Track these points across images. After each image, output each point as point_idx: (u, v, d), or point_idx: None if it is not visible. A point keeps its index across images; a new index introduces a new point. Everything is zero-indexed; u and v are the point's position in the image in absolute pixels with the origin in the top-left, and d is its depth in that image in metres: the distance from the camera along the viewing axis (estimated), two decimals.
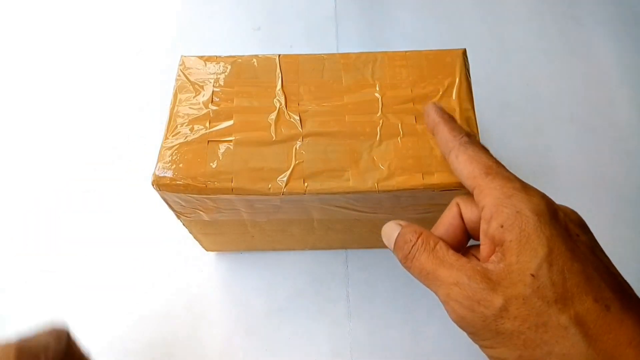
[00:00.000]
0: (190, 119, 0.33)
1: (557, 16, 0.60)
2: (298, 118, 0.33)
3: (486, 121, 0.53)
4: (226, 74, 0.35)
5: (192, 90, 0.35)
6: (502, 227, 0.21)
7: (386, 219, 0.37)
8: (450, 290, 0.22)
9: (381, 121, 0.33)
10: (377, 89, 0.34)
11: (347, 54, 0.36)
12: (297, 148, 0.32)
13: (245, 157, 0.32)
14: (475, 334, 0.22)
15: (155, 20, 0.61)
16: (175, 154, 0.32)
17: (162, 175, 0.31)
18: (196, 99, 0.34)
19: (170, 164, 0.32)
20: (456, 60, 0.35)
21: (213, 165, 0.32)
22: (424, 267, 0.23)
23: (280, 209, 0.35)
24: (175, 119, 0.33)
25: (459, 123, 0.28)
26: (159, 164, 0.32)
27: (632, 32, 0.59)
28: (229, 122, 0.33)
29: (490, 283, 0.21)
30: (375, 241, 0.43)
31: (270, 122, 0.33)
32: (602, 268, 0.21)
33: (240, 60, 0.36)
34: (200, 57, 0.36)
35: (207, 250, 0.46)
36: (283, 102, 0.34)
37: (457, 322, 0.22)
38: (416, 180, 0.31)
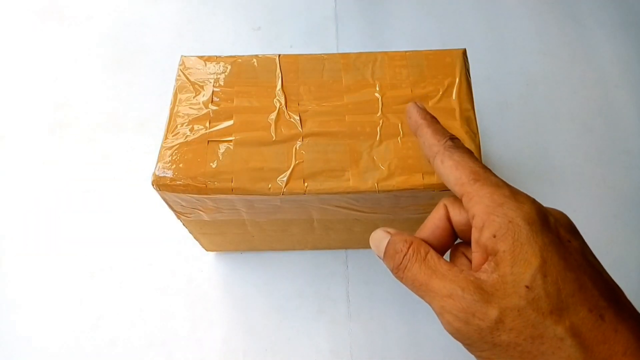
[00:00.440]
0: (190, 119, 0.33)
1: (557, 16, 0.60)
2: (298, 118, 0.33)
3: (486, 121, 0.53)
4: (226, 74, 0.35)
5: (192, 90, 0.35)
6: (494, 236, 0.21)
7: (386, 219, 0.37)
8: (444, 303, 0.21)
9: (381, 121, 0.33)
10: (377, 89, 0.34)
11: (347, 54, 0.36)
12: (297, 148, 0.32)
13: (245, 157, 0.32)
14: (472, 345, 0.21)
15: (155, 20, 0.61)
16: (175, 154, 0.32)
17: (162, 175, 0.32)
18: (196, 99, 0.34)
19: (170, 164, 0.32)
20: (456, 60, 0.35)
21: (213, 165, 0.32)
22: (417, 278, 0.23)
23: (280, 209, 0.35)
24: (175, 119, 0.33)
25: (441, 125, 0.27)
26: (159, 164, 0.32)
27: (632, 32, 0.59)
28: (229, 122, 0.33)
29: (484, 295, 0.21)
30: None
31: (270, 122, 0.33)
32: (595, 275, 0.21)
33: (240, 60, 0.36)
34: (200, 57, 0.36)
35: (207, 250, 0.46)
36: (283, 102, 0.34)
37: (452, 334, 0.22)
38: (416, 180, 0.31)
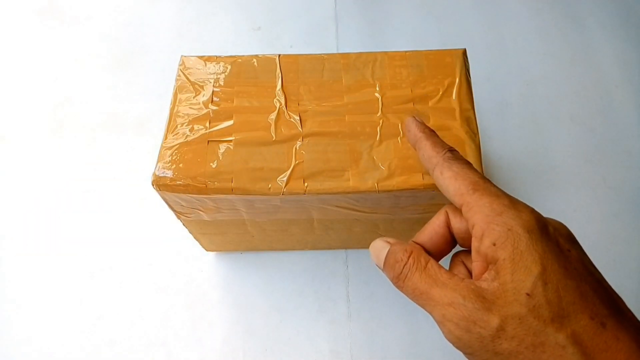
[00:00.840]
0: (190, 119, 0.33)
1: (557, 16, 0.60)
2: (298, 118, 0.33)
3: (486, 121, 0.53)
4: (226, 74, 0.35)
5: (192, 90, 0.35)
6: (494, 245, 0.21)
7: (386, 219, 0.37)
8: (445, 311, 0.21)
9: (381, 121, 0.33)
10: (377, 89, 0.34)
11: (347, 54, 0.36)
12: (297, 148, 0.32)
13: (245, 157, 0.32)
14: (473, 354, 0.21)
15: (155, 20, 0.61)
16: (175, 154, 0.32)
17: (162, 175, 0.31)
18: (196, 99, 0.34)
19: (170, 164, 0.32)
20: (456, 60, 0.35)
21: (213, 165, 0.32)
22: (417, 287, 0.23)
23: (280, 209, 0.35)
24: (175, 119, 0.33)
25: (440, 137, 0.27)
26: (159, 164, 0.32)
27: (632, 32, 0.59)
28: (229, 122, 0.33)
29: (485, 303, 0.21)
30: None
31: (270, 122, 0.33)
32: (595, 283, 0.21)
33: (240, 60, 0.36)
34: (200, 57, 0.36)
35: (207, 250, 0.46)
36: (283, 102, 0.34)
37: (453, 343, 0.22)
38: (416, 180, 0.31)
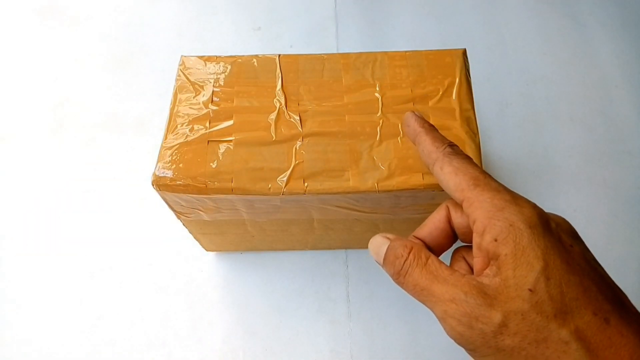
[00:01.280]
0: (190, 119, 0.33)
1: (557, 16, 0.60)
2: (298, 118, 0.33)
3: (486, 121, 0.53)
4: (226, 74, 0.35)
5: (192, 90, 0.35)
6: (495, 240, 0.21)
7: (386, 219, 0.37)
8: (447, 307, 0.21)
9: (381, 121, 0.33)
10: (377, 89, 0.34)
11: (347, 54, 0.36)
12: (297, 148, 0.32)
13: (245, 157, 0.32)
14: (475, 350, 0.21)
15: (155, 20, 0.61)
16: (175, 154, 0.32)
17: (162, 175, 0.31)
18: (196, 99, 0.34)
19: (170, 164, 0.32)
20: (456, 60, 0.35)
21: (213, 165, 0.32)
22: (418, 283, 0.23)
23: (280, 209, 0.35)
24: (175, 119, 0.33)
25: (440, 132, 0.27)
26: (159, 164, 0.32)
27: (632, 32, 0.59)
28: (229, 122, 0.33)
29: (487, 298, 0.20)
30: None
31: (270, 122, 0.33)
32: (598, 279, 0.21)
33: (240, 60, 0.36)
34: (200, 57, 0.36)
35: (207, 250, 0.46)
36: (283, 102, 0.34)
37: (455, 340, 0.22)
38: (416, 180, 0.31)
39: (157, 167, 0.32)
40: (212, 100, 0.34)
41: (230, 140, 0.33)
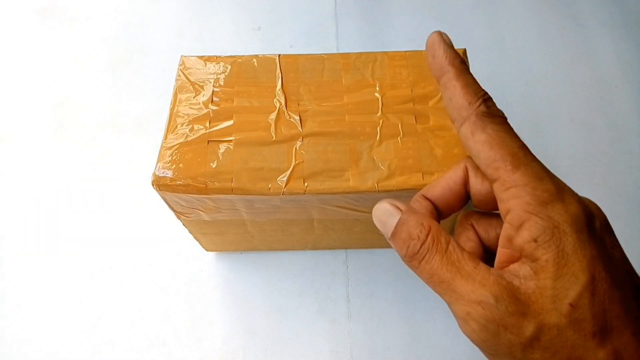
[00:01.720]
0: (190, 119, 0.33)
1: (557, 16, 0.60)
2: (298, 118, 0.33)
3: None
4: (226, 74, 0.35)
5: (192, 90, 0.35)
6: (535, 241, 0.18)
7: None
8: (471, 309, 0.19)
9: (381, 121, 0.33)
10: (377, 89, 0.34)
11: (347, 54, 0.36)
12: (297, 148, 0.32)
13: (245, 157, 0.32)
14: (495, 356, 0.19)
15: (155, 20, 0.61)
16: (175, 154, 0.32)
17: (162, 175, 0.32)
18: (196, 99, 0.34)
19: (170, 164, 0.32)
20: None
21: (213, 165, 0.32)
22: (436, 273, 0.20)
23: (280, 209, 0.35)
24: (175, 119, 0.33)
25: (472, 76, 0.21)
26: (159, 164, 0.32)
27: (632, 32, 0.59)
28: (229, 122, 0.33)
29: (520, 306, 0.18)
30: (375, 241, 0.43)
31: (270, 122, 0.33)
32: (637, 291, 0.19)
33: (240, 60, 0.36)
34: (200, 57, 0.36)
35: (207, 250, 0.46)
36: (283, 102, 0.34)
37: (474, 342, 0.19)
38: (416, 180, 0.31)
39: (157, 167, 0.32)
40: (212, 100, 0.34)
41: (230, 140, 0.33)
